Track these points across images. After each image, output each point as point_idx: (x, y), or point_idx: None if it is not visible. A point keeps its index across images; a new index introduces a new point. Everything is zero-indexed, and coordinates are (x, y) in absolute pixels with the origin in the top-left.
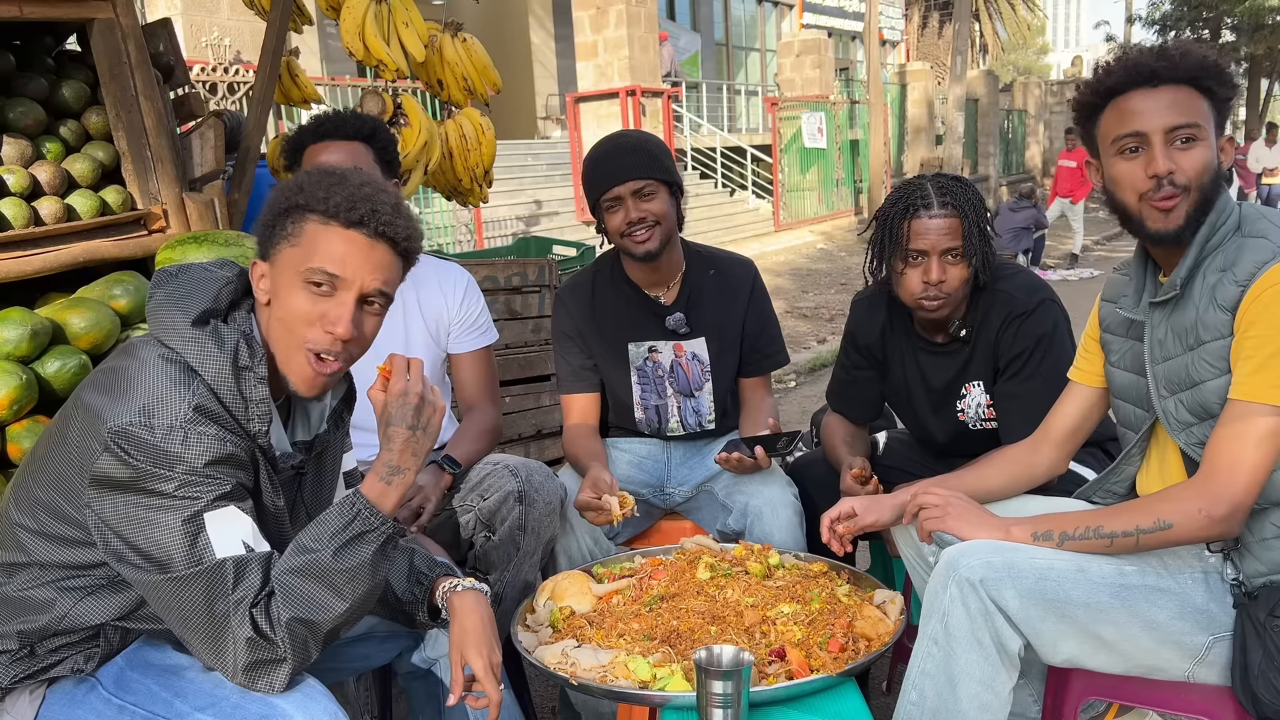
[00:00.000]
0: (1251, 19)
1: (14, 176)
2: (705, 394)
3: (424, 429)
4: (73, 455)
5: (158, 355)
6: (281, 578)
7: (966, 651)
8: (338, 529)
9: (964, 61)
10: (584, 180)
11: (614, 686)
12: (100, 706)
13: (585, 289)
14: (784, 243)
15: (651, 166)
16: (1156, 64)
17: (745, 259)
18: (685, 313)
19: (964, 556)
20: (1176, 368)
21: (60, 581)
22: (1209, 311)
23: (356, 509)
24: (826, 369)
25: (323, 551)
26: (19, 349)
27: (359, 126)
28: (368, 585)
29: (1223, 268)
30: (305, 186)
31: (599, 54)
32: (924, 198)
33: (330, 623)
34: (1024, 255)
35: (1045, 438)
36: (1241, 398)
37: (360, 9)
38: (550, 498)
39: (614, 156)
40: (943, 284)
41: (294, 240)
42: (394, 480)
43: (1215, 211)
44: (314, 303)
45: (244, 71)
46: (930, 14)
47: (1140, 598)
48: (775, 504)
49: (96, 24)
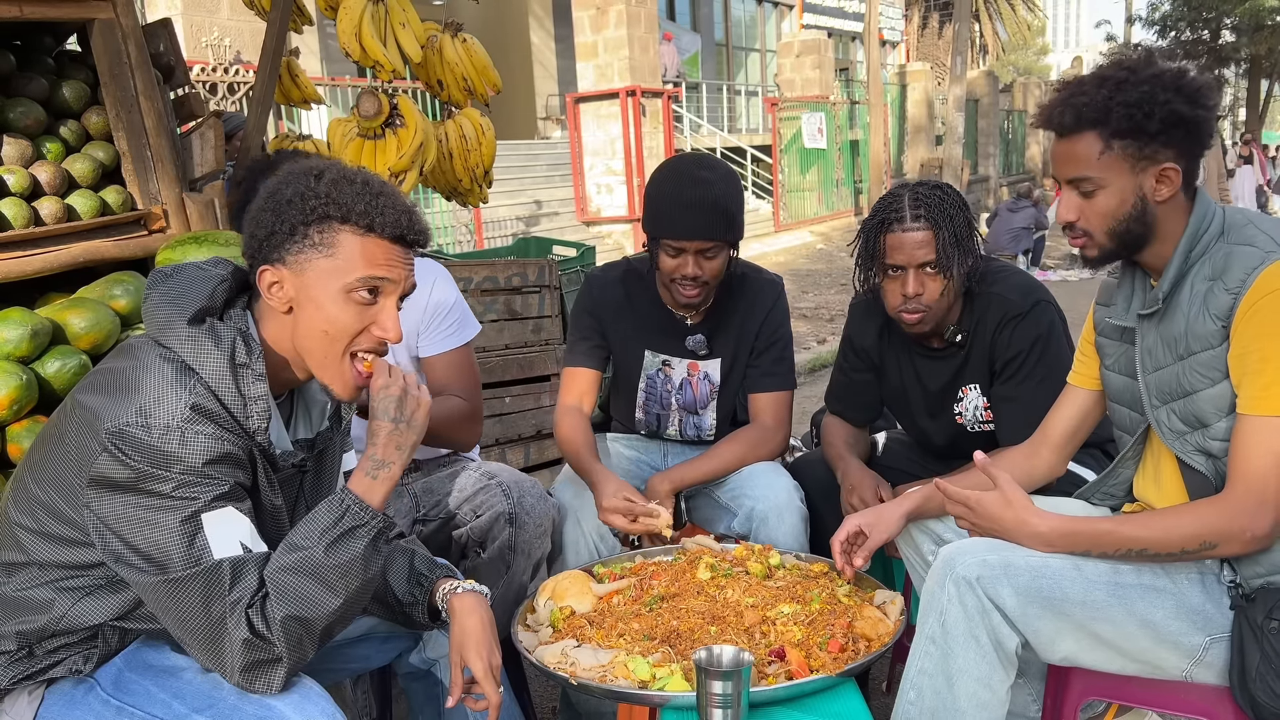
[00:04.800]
0: (1251, 19)
1: (14, 176)
2: (709, 412)
3: (407, 422)
4: (71, 455)
5: (155, 355)
6: (274, 576)
7: (964, 650)
8: (328, 525)
9: (964, 62)
10: (651, 208)
11: (614, 686)
12: (99, 707)
13: (616, 282)
14: (784, 243)
15: (728, 229)
16: (1060, 115)
17: (774, 278)
18: (707, 335)
19: (960, 555)
20: (1168, 377)
21: (59, 581)
22: (1199, 321)
23: (346, 505)
24: (826, 369)
25: (314, 549)
26: (19, 349)
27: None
28: (360, 580)
29: (1211, 276)
30: (334, 196)
31: (599, 54)
32: (898, 211)
33: (324, 619)
34: (1024, 256)
35: (1044, 441)
36: (1259, 413)
37: (357, 10)
38: (541, 519)
39: (694, 210)
40: (920, 296)
41: (327, 251)
42: (379, 474)
43: (1195, 220)
44: (360, 312)
45: (244, 71)
46: (930, 14)
47: (1136, 596)
48: (782, 509)
49: (96, 24)
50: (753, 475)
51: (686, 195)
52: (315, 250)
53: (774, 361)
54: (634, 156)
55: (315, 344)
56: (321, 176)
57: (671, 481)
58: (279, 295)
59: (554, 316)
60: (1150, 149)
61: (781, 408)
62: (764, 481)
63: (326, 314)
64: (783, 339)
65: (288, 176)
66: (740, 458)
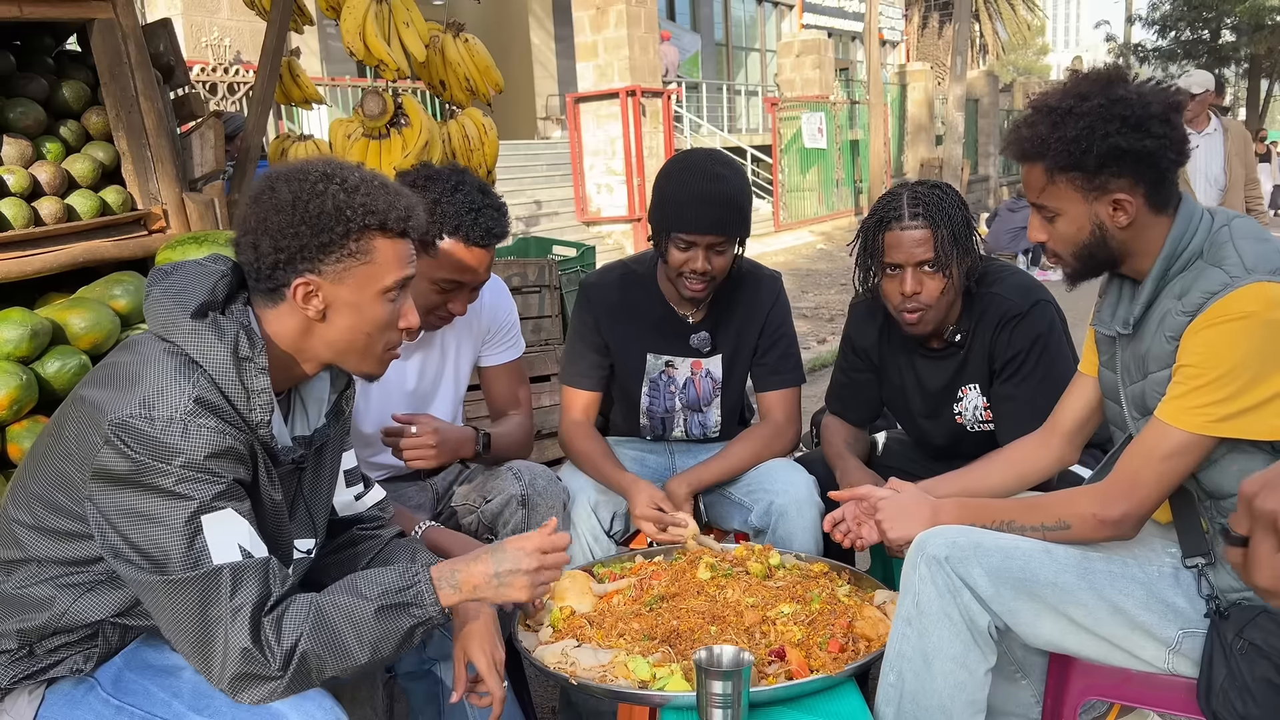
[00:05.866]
0: (1251, 19)
1: (14, 176)
2: (713, 409)
3: (505, 584)
4: (71, 449)
5: (159, 349)
6: (324, 608)
7: (937, 628)
8: (391, 588)
9: (964, 61)
10: (660, 201)
11: (614, 686)
12: (99, 707)
13: (613, 286)
14: (784, 243)
15: (740, 225)
16: (1010, 145)
17: (773, 273)
18: (710, 331)
19: (931, 537)
20: (1138, 393)
21: (58, 578)
22: (1157, 340)
23: (418, 580)
24: (826, 369)
25: (369, 605)
26: (19, 349)
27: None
28: (386, 653)
29: (1178, 295)
30: (370, 206)
31: (599, 54)
32: (896, 210)
33: (338, 669)
34: (1024, 255)
35: (1054, 430)
36: (1160, 416)
37: (361, 9)
38: (553, 502)
39: (707, 204)
40: (918, 295)
41: (364, 258)
42: (455, 592)
43: (1172, 240)
44: (394, 310)
45: (244, 71)
46: (930, 14)
47: (1105, 582)
48: (801, 504)
49: (96, 24)
50: (770, 470)
51: (702, 190)
52: (353, 259)
53: (780, 358)
54: (634, 156)
55: (356, 342)
56: (354, 187)
57: (689, 484)
58: (314, 304)
59: (554, 316)
60: (1098, 180)
61: (791, 404)
62: (782, 476)
63: (367, 317)
64: (787, 335)
65: (306, 187)
66: (755, 455)
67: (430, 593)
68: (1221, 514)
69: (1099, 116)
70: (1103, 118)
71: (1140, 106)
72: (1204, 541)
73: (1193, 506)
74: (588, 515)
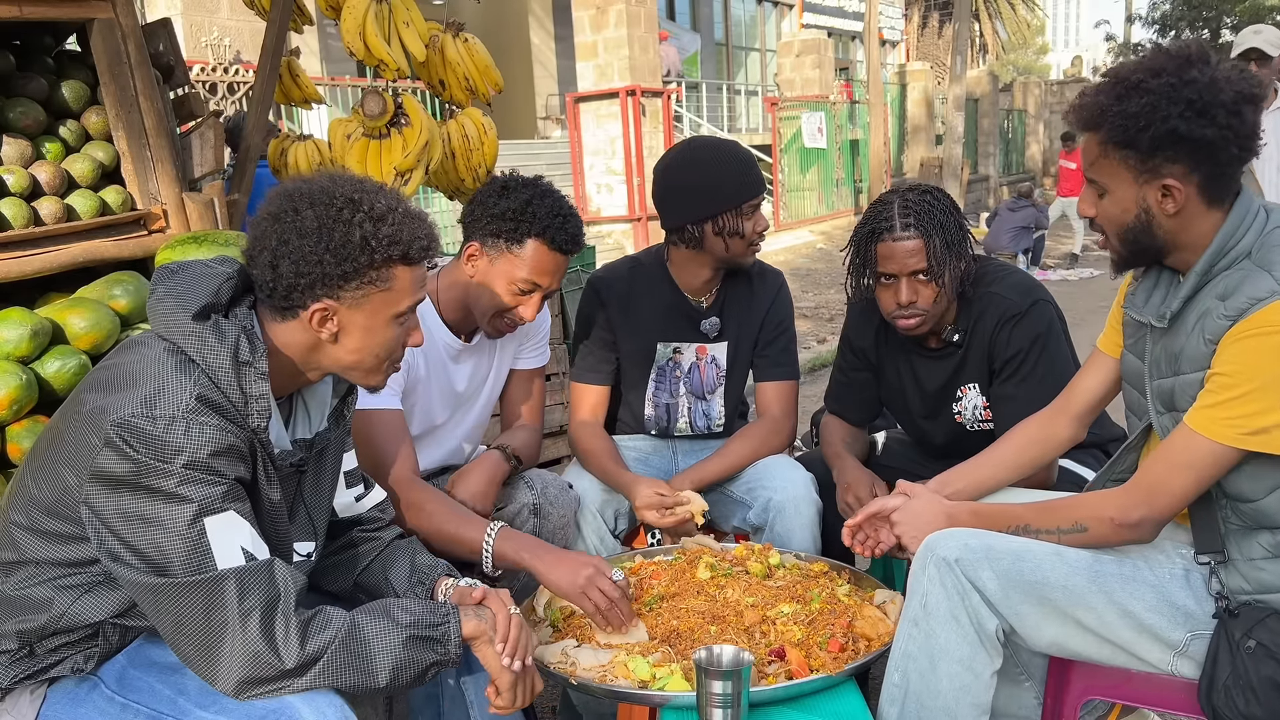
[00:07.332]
0: (1251, 19)
1: (14, 176)
2: (717, 398)
3: (519, 687)
4: (69, 451)
5: (160, 348)
6: (358, 621)
7: (945, 630)
8: (426, 620)
9: (964, 61)
10: (689, 190)
11: (614, 686)
12: (103, 705)
13: (622, 281)
14: (784, 242)
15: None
16: (1073, 111)
17: (776, 270)
18: (719, 317)
19: (942, 539)
20: (1166, 389)
21: (57, 579)
22: (1194, 341)
23: (448, 621)
24: (826, 369)
25: (402, 630)
26: (19, 349)
27: None
28: (402, 683)
29: (1221, 295)
30: (396, 238)
31: (599, 54)
32: (888, 220)
33: (350, 686)
34: (1023, 255)
35: (1064, 408)
36: (1190, 425)
37: (361, 8)
38: (565, 510)
39: (752, 167)
40: (914, 303)
41: (384, 285)
42: (476, 645)
43: (1222, 236)
44: (401, 332)
45: (244, 71)
46: (930, 14)
47: (1116, 585)
48: (799, 501)
49: (96, 24)
50: (768, 467)
51: (741, 155)
52: (373, 286)
53: (781, 351)
54: (634, 156)
55: (364, 362)
56: (380, 217)
57: (692, 481)
58: (328, 328)
59: (554, 316)
60: (1151, 163)
61: (789, 398)
62: (780, 474)
63: (378, 339)
64: (789, 329)
65: (332, 213)
66: (754, 451)
67: (458, 634)
68: (1239, 515)
69: (1164, 96)
70: (1168, 98)
71: (1209, 91)
72: (1218, 540)
73: (1210, 505)
74: (593, 516)
